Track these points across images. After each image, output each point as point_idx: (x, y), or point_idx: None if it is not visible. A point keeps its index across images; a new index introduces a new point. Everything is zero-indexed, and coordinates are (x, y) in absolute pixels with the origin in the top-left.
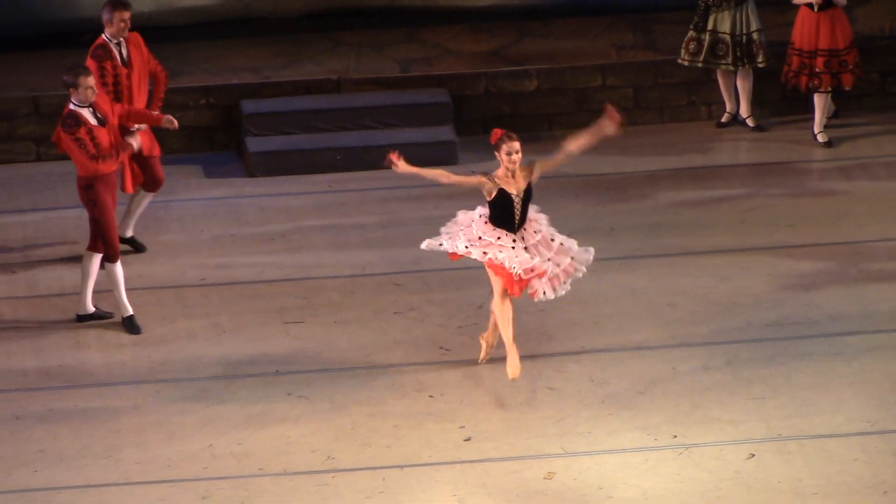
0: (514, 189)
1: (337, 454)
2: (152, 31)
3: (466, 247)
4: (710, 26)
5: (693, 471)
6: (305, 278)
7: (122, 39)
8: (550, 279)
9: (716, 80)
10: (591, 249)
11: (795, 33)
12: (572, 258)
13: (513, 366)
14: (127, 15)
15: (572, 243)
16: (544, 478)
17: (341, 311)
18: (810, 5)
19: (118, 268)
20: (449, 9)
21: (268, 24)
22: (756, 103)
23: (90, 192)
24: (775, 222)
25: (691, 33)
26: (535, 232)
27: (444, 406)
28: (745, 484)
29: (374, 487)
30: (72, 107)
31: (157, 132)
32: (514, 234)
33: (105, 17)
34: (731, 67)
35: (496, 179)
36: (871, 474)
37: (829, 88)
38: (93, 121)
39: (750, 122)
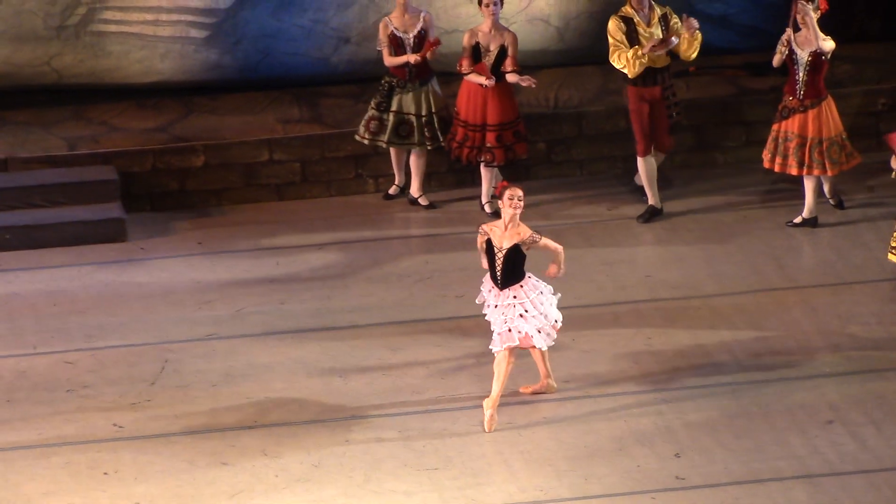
0: (498, 243)
1: None
2: None
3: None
4: (393, 107)
5: None
6: None
7: None
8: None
9: (384, 154)
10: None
11: (461, 104)
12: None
13: (489, 421)
14: None
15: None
16: None
17: (13, 391)
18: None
19: None
20: (114, 86)
21: None
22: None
23: None
24: (444, 293)
25: (373, 112)
26: (513, 297)
27: (119, 483)
28: None
29: None
30: None
31: None
32: (500, 290)
33: None
34: (418, 147)
35: (491, 228)
36: None
37: (503, 162)
38: None
39: (423, 202)
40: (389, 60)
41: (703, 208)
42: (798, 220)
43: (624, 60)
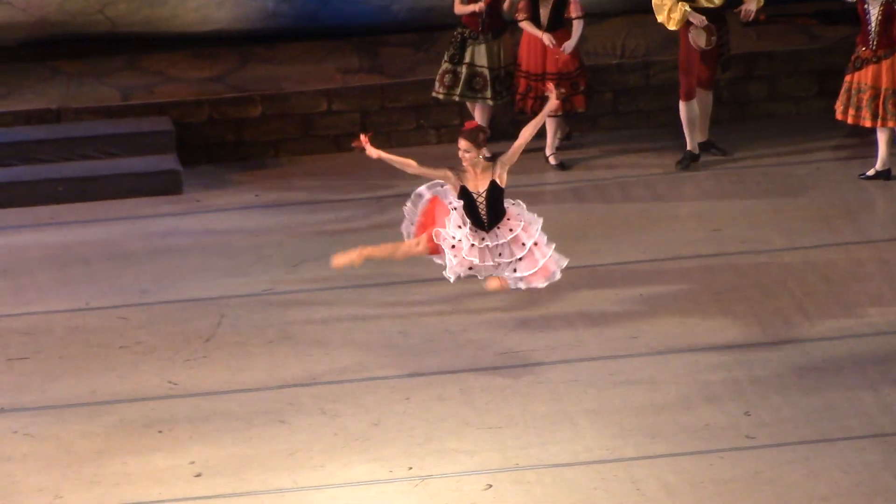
0: (474, 187)
1: (64, 493)
2: None
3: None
4: (466, 59)
5: (430, 503)
6: (28, 313)
7: None
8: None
9: (445, 105)
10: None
11: (522, 54)
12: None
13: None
14: None
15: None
16: None
17: (66, 346)
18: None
19: None
20: (170, 35)
21: None
22: None
23: None
24: None
25: (446, 65)
26: (509, 230)
27: (174, 441)
28: None
29: None
30: None
31: None
32: (486, 232)
33: None
34: (490, 101)
35: (461, 174)
36: (610, 503)
37: (561, 112)
38: None
39: (485, 153)
40: (459, 9)
41: (773, 161)
42: (871, 172)
43: (679, 14)
